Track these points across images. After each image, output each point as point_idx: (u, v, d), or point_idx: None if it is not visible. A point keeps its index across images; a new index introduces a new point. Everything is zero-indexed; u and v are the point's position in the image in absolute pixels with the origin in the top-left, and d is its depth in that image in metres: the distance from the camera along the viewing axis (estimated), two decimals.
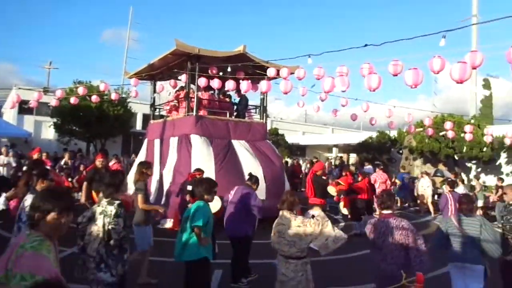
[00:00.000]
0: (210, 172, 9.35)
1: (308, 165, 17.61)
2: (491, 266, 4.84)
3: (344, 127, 38.92)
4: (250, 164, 10.67)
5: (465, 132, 15.60)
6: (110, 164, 10.57)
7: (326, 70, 9.39)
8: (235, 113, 12.61)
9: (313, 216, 4.31)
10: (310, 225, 4.09)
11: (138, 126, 29.75)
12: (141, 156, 12.90)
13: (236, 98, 12.93)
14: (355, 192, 10.41)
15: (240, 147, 11.27)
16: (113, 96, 14.33)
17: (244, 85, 10.45)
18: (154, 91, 13.68)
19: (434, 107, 18.16)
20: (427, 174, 16.21)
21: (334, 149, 31.94)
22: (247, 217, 5.71)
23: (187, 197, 7.17)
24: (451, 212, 7.96)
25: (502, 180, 14.92)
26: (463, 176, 19.54)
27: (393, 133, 22.94)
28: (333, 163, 23.53)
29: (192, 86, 11.85)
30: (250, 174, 6.46)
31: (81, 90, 12.77)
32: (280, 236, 4.17)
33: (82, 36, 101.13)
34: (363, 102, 12.13)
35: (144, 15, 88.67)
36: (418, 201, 15.37)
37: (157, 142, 12.44)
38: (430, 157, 19.92)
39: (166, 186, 10.62)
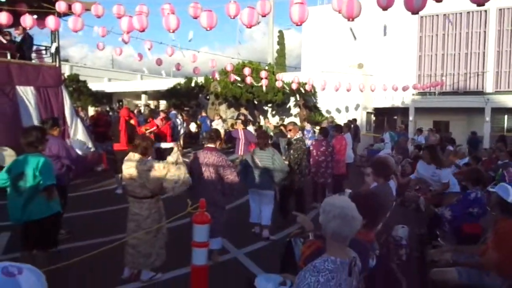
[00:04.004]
0: None
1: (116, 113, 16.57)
2: None
3: (155, 74, 37.70)
4: (31, 116, 9.46)
5: (261, 78, 17.34)
6: None
7: (126, 8, 8.76)
8: (18, 54, 10.62)
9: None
10: (159, 169, 4.23)
11: None
12: None
13: (16, 36, 10.84)
14: (159, 138, 10.42)
15: (25, 95, 9.69)
16: None
17: (28, 20, 8.83)
18: None
19: (238, 55, 19.44)
20: (220, 116, 18.32)
21: (143, 96, 31.06)
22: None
23: None
24: (241, 145, 9.83)
25: (283, 119, 17.49)
26: (261, 117, 21.91)
27: (201, 79, 23.56)
28: (142, 111, 22.89)
29: None
30: (43, 121, 5.61)
31: None
32: (132, 178, 4.28)
33: None
34: (167, 46, 11.89)
35: None
36: None
37: None
38: (233, 102, 21.41)
39: None
